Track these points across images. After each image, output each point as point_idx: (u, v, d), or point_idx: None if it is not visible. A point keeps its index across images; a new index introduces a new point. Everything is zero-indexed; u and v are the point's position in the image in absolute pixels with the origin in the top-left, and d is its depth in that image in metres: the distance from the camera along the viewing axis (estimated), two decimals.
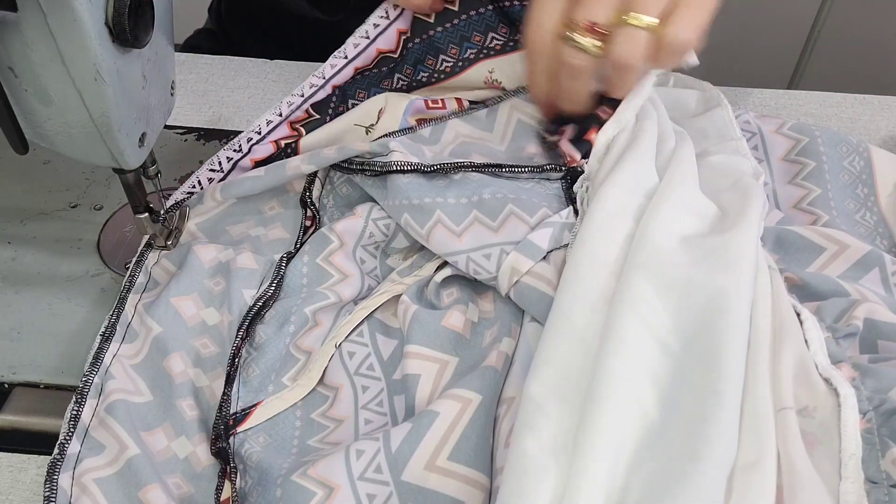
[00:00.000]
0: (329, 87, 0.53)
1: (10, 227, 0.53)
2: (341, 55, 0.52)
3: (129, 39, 0.36)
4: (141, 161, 0.43)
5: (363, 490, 0.36)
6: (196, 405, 0.43)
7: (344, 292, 0.46)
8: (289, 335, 0.44)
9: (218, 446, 0.41)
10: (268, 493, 0.37)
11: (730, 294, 0.36)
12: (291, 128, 0.53)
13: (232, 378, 0.42)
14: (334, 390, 0.43)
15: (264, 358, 0.43)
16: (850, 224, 0.48)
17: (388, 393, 0.42)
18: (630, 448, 0.33)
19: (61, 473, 0.38)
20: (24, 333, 0.47)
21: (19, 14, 0.34)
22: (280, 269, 0.46)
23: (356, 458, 0.37)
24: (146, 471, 0.39)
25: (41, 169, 0.57)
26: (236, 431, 0.41)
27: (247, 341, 0.44)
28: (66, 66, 0.36)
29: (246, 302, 0.45)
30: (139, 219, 0.47)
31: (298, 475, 0.37)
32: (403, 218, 0.46)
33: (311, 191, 0.51)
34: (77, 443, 0.40)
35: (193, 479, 0.40)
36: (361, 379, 0.43)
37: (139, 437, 0.40)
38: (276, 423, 0.41)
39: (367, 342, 0.44)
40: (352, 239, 0.47)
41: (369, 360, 0.44)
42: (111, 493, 0.38)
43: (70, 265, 0.51)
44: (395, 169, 0.46)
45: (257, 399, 0.42)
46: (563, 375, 0.35)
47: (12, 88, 0.38)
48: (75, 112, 0.38)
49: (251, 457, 0.39)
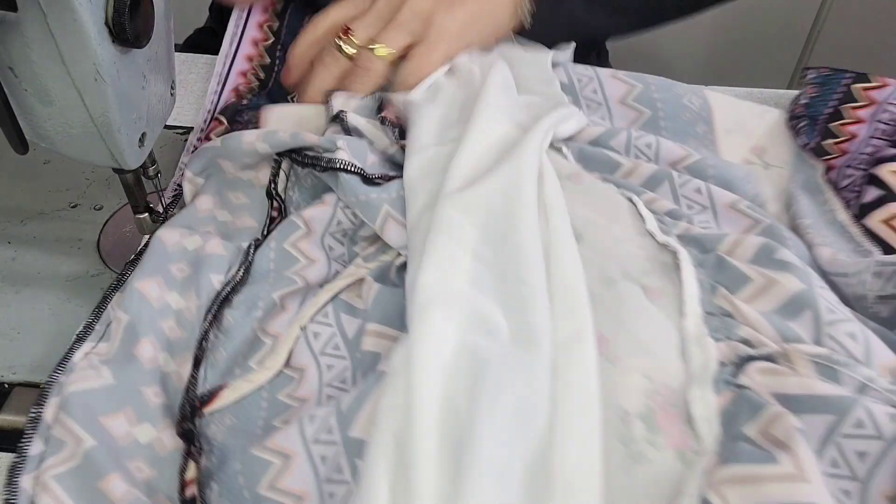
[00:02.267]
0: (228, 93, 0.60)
1: (10, 227, 0.53)
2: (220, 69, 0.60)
3: (129, 39, 0.36)
4: (141, 161, 0.43)
5: (317, 453, 0.37)
6: (162, 392, 0.42)
7: (311, 276, 0.47)
8: (256, 320, 0.44)
9: (184, 427, 0.41)
10: (228, 469, 0.38)
11: (512, 205, 0.42)
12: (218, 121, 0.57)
13: (199, 360, 0.43)
14: (300, 371, 0.43)
15: (232, 342, 0.43)
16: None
17: (352, 370, 0.43)
18: (453, 347, 0.37)
19: (24, 475, 0.38)
20: (24, 333, 0.47)
21: (19, 14, 0.34)
22: (248, 254, 0.47)
23: (309, 423, 0.38)
24: (104, 461, 0.38)
25: (41, 169, 0.57)
26: (203, 413, 0.41)
27: (214, 325, 0.44)
28: (66, 66, 0.36)
29: (215, 287, 0.45)
30: (139, 219, 0.47)
31: (257, 448, 0.38)
32: (357, 212, 0.47)
33: (275, 183, 0.51)
34: (41, 443, 0.39)
35: (157, 462, 0.40)
36: (326, 358, 0.43)
37: (96, 426, 0.40)
38: (243, 405, 0.42)
39: (331, 322, 0.45)
40: (320, 226, 0.48)
41: (334, 340, 0.44)
42: (71, 487, 0.38)
43: (70, 265, 0.51)
44: (338, 167, 0.47)
45: (224, 381, 0.42)
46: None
47: (12, 88, 0.38)
48: (75, 112, 0.38)
49: (216, 437, 0.40)
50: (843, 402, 0.33)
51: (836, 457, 0.33)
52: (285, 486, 0.36)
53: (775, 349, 0.36)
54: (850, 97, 0.55)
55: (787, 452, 0.32)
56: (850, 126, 0.54)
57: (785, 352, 0.36)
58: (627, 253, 0.41)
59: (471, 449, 0.33)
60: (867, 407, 0.33)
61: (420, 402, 0.35)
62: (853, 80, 0.56)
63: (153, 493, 0.39)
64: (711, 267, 0.41)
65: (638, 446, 0.35)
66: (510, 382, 0.35)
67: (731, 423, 0.34)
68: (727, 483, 0.32)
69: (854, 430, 0.33)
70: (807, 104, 0.56)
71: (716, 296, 0.39)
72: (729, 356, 0.37)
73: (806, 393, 0.34)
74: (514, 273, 0.39)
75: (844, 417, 0.33)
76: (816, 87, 0.57)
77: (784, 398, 0.34)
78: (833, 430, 0.33)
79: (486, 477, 0.33)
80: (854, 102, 0.55)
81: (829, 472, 0.33)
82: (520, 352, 0.36)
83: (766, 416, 0.34)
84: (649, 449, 0.34)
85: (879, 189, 0.47)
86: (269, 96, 0.60)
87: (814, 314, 0.37)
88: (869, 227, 0.46)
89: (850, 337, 0.37)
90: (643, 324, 0.38)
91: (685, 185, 0.48)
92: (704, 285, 0.39)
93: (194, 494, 0.38)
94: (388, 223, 0.46)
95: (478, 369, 0.36)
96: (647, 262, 0.41)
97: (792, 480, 0.31)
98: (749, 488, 0.31)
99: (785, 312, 0.38)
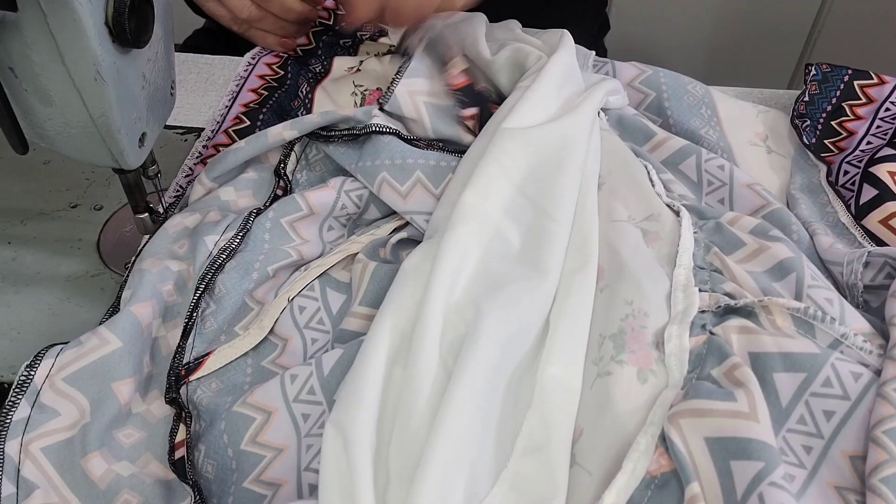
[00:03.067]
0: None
1: (10, 227, 0.53)
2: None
3: (129, 39, 0.36)
4: (141, 161, 0.43)
5: (298, 411, 0.39)
6: (151, 361, 0.43)
7: (305, 252, 0.47)
8: (247, 291, 0.45)
9: (170, 396, 0.41)
10: (214, 430, 0.39)
11: (567, 149, 0.45)
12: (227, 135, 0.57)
13: (189, 330, 0.43)
14: (284, 340, 0.44)
15: (224, 313, 0.44)
16: (694, 141, 0.54)
17: (332, 343, 0.43)
18: (476, 257, 0.41)
19: (8, 441, 0.37)
20: (24, 333, 0.47)
21: (19, 14, 0.34)
22: (248, 221, 0.46)
23: (290, 383, 0.39)
24: (93, 437, 0.38)
25: (41, 169, 0.57)
26: (189, 380, 0.41)
27: (207, 293, 0.44)
28: (66, 66, 0.36)
29: (208, 248, 0.45)
30: (139, 219, 0.47)
31: (238, 405, 0.39)
32: (381, 177, 0.47)
33: (285, 163, 0.51)
34: (27, 406, 0.39)
35: (146, 427, 0.41)
36: (311, 332, 0.44)
37: (108, 390, 0.39)
38: (228, 371, 0.42)
39: (317, 297, 0.45)
40: (324, 210, 0.48)
41: (319, 315, 0.45)
42: (57, 461, 0.38)
43: (70, 265, 0.51)
44: (375, 130, 0.48)
45: (210, 349, 0.43)
46: (434, 227, 0.45)
47: (12, 88, 0.38)
48: (75, 112, 0.38)
49: (202, 402, 0.41)
50: (814, 361, 0.35)
51: (803, 413, 0.34)
52: (265, 439, 0.38)
53: (754, 300, 0.38)
54: (850, 94, 0.56)
55: (744, 391, 0.33)
56: (850, 123, 0.55)
57: (764, 303, 0.37)
58: (636, 201, 0.45)
59: (473, 346, 0.36)
60: (834, 365, 0.34)
61: (434, 300, 0.38)
62: (852, 76, 0.57)
63: (138, 456, 0.39)
64: (709, 231, 0.43)
65: (606, 365, 0.37)
66: (518, 298, 0.39)
67: (700, 364, 0.36)
68: (684, 415, 0.33)
69: (822, 389, 0.34)
70: (808, 102, 0.57)
71: (709, 254, 0.41)
72: (710, 305, 0.38)
73: (780, 351, 0.36)
74: (549, 209, 0.43)
75: (815, 376, 0.34)
76: (817, 85, 0.58)
77: (758, 356, 0.36)
78: (804, 389, 0.34)
79: (479, 379, 0.35)
80: (854, 100, 0.56)
81: (792, 428, 0.34)
82: (534, 275, 0.40)
83: (732, 361, 0.35)
84: (614, 366, 0.36)
85: (875, 188, 0.48)
86: (278, 107, 0.60)
87: (798, 277, 0.39)
88: (868, 228, 0.47)
89: (827, 301, 0.38)
90: (636, 261, 0.40)
91: (710, 160, 0.50)
92: (700, 242, 0.42)
93: (183, 457, 0.39)
94: (416, 188, 0.47)
95: (493, 284, 0.40)
96: (650, 212, 0.44)
97: (743, 418, 0.32)
98: (702, 421, 0.33)
99: (771, 274, 0.40)
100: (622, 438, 0.34)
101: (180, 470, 0.39)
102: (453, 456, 0.33)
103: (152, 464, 0.40)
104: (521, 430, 0.36)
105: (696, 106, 0.56)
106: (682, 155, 0.51)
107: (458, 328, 0.38)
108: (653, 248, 0.42)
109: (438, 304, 0.38)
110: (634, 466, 0.33)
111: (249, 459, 0.38)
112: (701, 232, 0.43)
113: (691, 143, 0.51)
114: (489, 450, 0.35)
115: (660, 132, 0.52)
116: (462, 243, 0.41)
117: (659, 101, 0.56)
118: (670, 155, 0.51)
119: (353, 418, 0.35)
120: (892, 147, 0.50)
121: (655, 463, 0.33)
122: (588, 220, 0.43)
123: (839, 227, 0.48)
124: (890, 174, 0.48)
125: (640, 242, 0.42)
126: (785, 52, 1.25)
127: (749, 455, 0.31)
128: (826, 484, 0.33)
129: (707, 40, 1.22)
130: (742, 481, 0.31)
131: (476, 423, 0.34)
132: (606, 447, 0.34)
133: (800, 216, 0.48)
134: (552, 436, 0.35)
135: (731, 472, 0.31)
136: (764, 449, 0.31)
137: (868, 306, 0.42)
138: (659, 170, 0.49)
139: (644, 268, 0.40)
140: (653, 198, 0.45)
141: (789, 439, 0.34)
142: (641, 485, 0.32)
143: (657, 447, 0.33)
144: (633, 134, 0.53)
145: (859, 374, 0.34)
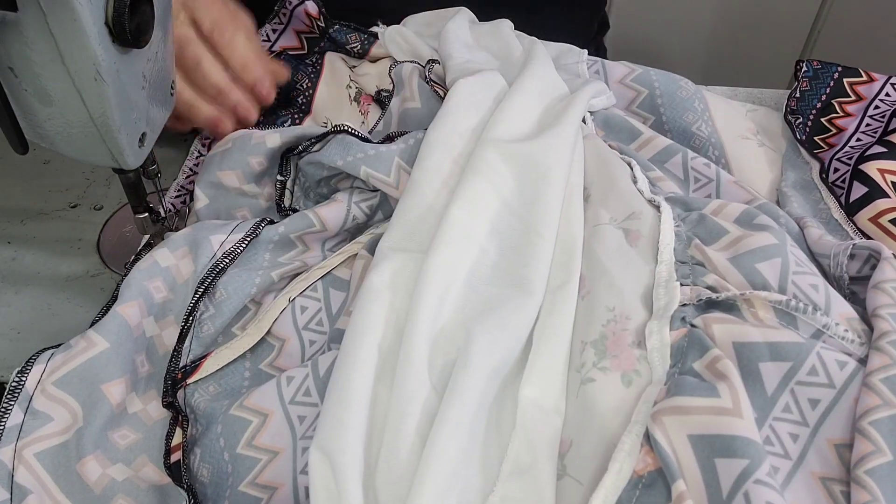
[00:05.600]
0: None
1: (10, 227, 0.53)
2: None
3: (129, 39, 0.36)
4: (141, 161, 0.43)
5: (294, 413, 0.39)
6: (147, 360, 0.42)
7: (309, 259, 0.47)
8: (249, 296, 0.45)
9: (167, 400, 0.41)
10: (211, 433, 0.39)
11: (552, 164, 0.45)
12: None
13: (185, 335, 0.43)
14: (281, 341, 0.44)
15: (222, 318, 0.44)
16: (685, 137, 0.54)
17: (327, 343, 0.43)
18: (462, 278, 0.40)
19: (1, 447, 0.37)
20: (24, 333, 0.47)
21: (19, 14, 0.34)
22: (258, 226, 0.46)
23: (286, 385, 0.39)
24: (87, 442, 0.38)
25: (41, 169, 0.57)
26: (186, 384, 0.41)
27: (206, 296, 0.44)
28: (66, 66, 0.36)
29: (213, 248, 0.45)
30: (139, 219, 0.47)
31: (235, 408, 0.39)
32: (363, 171, 0.47)
33: (281, 201, 0.51)
34: (20, 412, 0.38)
35: (142, 428, 0.41)
36: (309, 333, 0.44)
37: (98, 394, 0.39)
38: (226, 374, 0.42)
39: (319, 297, 0.45)
40: (336, 225, 0.48)
41: (319, 316, 0.45)
42: (51, 466, 0.38)
43: (70, 265, 0.51)
44: (345, 130, 0.48)
45: (207, 351, 0.43)
46: (408, 234, 0.43)
47: (12, 88, 0.38)
48: (75, 112, 0.38)
49: (199, 405, 0.40)
50: (800, 350, 0.35)
51: (789, 402, 0.34)
52: (261, 442, 0.38)
53: (736, 293, 0.37)
54: (840, 91, 0.57)
55: (726, 385, 0.33)
56: (839, 120, 0.55)
57: (746, 297, 0.37)
58: (617, 202, 0.45)
59: (464, 372, 0.35)
60: (819, 353, 0.34)
61: (420, 324, 0.37)
62: (842, 73, 0.57)
63: (133, 458, 0.39)
64: (692, 223, 0.43)
65: (588, 372, 0.36)
66: (507, 320, 0.38)
67: (681, 357, 0.36)
68: (667, 413, 0.33)
69: (808, 378, 0.34)
70: (799, 98, 0.57)
71: (690, 247, 0.41)
72: (691, 298, 0.38)
73: (766, 340, 0.35)
74: (534, 224, 0.43)
75: (801, 365, 0.34)
76: (808, 81, 0.58)
77: (743, 346, 0.36)
78: (790, 378, 0.34)
79: (469, 404, 0.35)
80: (843, 97, 0.56)
81: (778, 416, 0.34)
82: (520, 296, 0.40)
83: (713, 354, 0.35)
84: (597, 373, 0.36)
85: (865, 186, 0.48)
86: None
87: (782, 262, 0.39)
88: (859, 226, 0.47)
89: (812, 288, 0.38)
90: (617, 263, 0.40)
91: (695, 159, 0.50)
92: (681, 236, 0.42)
93: (178, 461, 0.39)
94: (403, 176, 0.47)
95: (482, 307, 0.40)
96: (631, 211, 0.44)
97: (727, 414, 0.32)
98: (686, 418, 0.32)
99: (755, 256, 0.40)
100: (611, 445, 0.34)
101: (176, 474, 0.38)
102: (444, 483, 0.33)
103: (147, 467, 0.39)
104: (507, 454, 0.35)
105: (689, 100, 0.56)
106: (667, 153, 0.51)
107: (449, 353, 0.37)
108: (634, 248, 0.41)
109: (424, 328, 0.38)
110: (621, 467, 0.33)
111: (245, 463, 0.37)
112: (683, 224, 0.43)
113: (675, 143, 0.52)
114: (475, 473, 0.34)
115: (646, 131, 0.52)
116: (448, 264, 0.41)
117: (652, 98, 0.56)
118: (656, 153, 0.51)
119: (339, 441, 0.34)
120: (881, 144, 0.50)
121: (642, 462, 0.33)
122: (573, 234, 0.43)
123: (832, 224, 0.48)
124: (880, 172, 0.48)
125: (623, 244, 0.42)
126: (785, 52, 1.25)
127: (733, 452, 0.31)
128: (811, 474, 0.33)
129: (707, 40, 1.22)
130: (727, 479, 0.31)
131: (465, 449, 0.34)
132: (595, 455, 0.34)
133: (792, 213, 0.48)
134: (537, 457, 0.35)
135: (715, 470, 0.31)
136: (748, 445, 0.31)
137: (856, 297, 0.42)
138: (646, 167, 0.49)
139: (625, 271, 0.40)
140: (633, 196, 0.44)
141: (776, 427, 0.34)
142: (629, 485, 0.32)
143: (643, 445, 0.33)
144: (620, 134, 0.53)
145: (844, 362, 0.34)
